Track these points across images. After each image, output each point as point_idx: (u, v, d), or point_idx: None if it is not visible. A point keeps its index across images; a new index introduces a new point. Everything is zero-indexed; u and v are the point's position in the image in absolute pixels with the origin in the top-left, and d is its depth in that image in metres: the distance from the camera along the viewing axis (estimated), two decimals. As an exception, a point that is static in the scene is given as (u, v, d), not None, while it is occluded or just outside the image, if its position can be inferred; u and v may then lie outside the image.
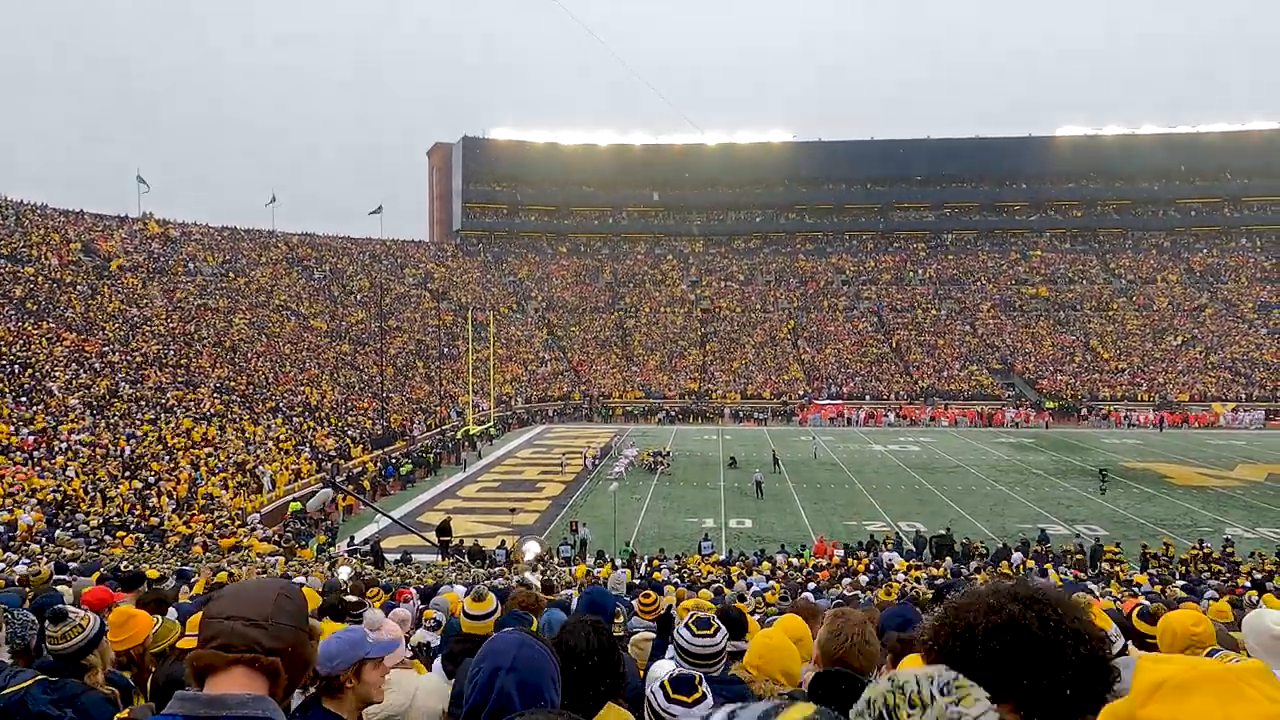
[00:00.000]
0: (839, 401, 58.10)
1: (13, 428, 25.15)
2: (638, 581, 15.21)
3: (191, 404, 33.92)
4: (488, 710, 1.44)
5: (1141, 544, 22.09)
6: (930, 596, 9.29)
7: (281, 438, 33.81)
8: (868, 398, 58.94)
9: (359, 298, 63.74)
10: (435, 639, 6.38)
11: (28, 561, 12.65)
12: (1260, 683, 1.00)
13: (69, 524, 19.34)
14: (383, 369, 47.71)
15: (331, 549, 22.06)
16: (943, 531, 23.65)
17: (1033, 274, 75.99)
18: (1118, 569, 19.16)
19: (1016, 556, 21.07)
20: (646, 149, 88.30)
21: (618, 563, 20.34)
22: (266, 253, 63.40)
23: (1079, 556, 21.27)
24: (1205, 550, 21.05)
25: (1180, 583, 15.21)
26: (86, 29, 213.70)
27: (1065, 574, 18.52)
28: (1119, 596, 12.73)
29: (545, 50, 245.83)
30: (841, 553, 21.72)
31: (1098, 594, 12.49)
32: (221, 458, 28.79)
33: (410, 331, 61.77)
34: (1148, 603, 9.93)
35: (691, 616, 3.04)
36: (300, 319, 55.60)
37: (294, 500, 26.60)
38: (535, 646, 1.56)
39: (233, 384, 38.81)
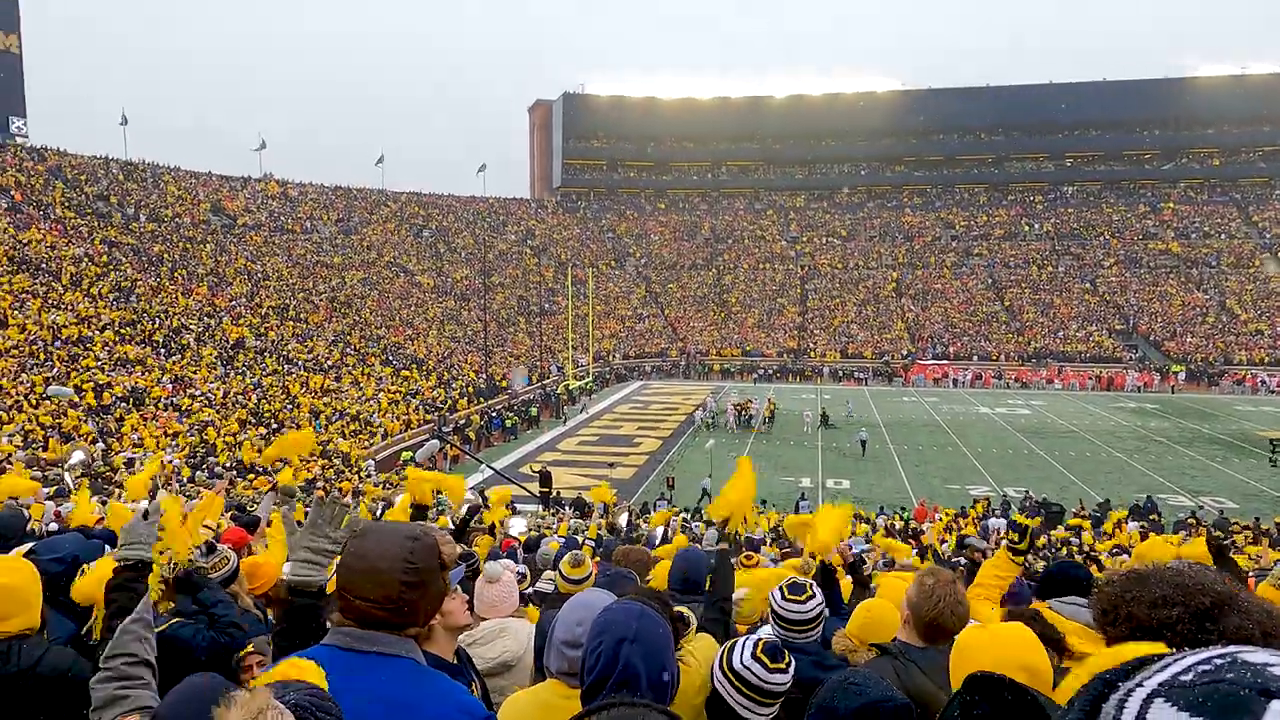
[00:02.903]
0: (944, 362, 56.18)
1: (157, 377, 27.27)
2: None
3: (310, 356, 35.88)
4: (613, 682, 1.48)
5: (1276, 519, 20.63)
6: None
7: (392, 389, 35.40)
8: (975, 358, 56.73)
9: (463, 254, 65.43)
10: (549, 587, 6.69)
11: (172, 500, 13.75)
12: None
13: (205, 466, 20.94)
14: (486, 324, 49.01)
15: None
16: (1043, 498, 22.77)
17: (1163, 228, 70.72)
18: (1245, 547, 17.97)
19: (1132, 525, 20.06)
20: (747, 100, 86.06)
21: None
22: (377, 211, 65.72)
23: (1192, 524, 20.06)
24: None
25: (1318, 562, 14.17)
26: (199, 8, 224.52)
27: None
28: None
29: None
30: (941, 517, 21.22)
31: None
32: (337, 406, 30.43)
33: (512, 288, 63.09)
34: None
35: (787, 581, 2.99)
36: (408, 275, 57.63)
37: (404, 450, 27.90)
38: (654, 616, 1.60)
39: (347, 337, 40.77)
